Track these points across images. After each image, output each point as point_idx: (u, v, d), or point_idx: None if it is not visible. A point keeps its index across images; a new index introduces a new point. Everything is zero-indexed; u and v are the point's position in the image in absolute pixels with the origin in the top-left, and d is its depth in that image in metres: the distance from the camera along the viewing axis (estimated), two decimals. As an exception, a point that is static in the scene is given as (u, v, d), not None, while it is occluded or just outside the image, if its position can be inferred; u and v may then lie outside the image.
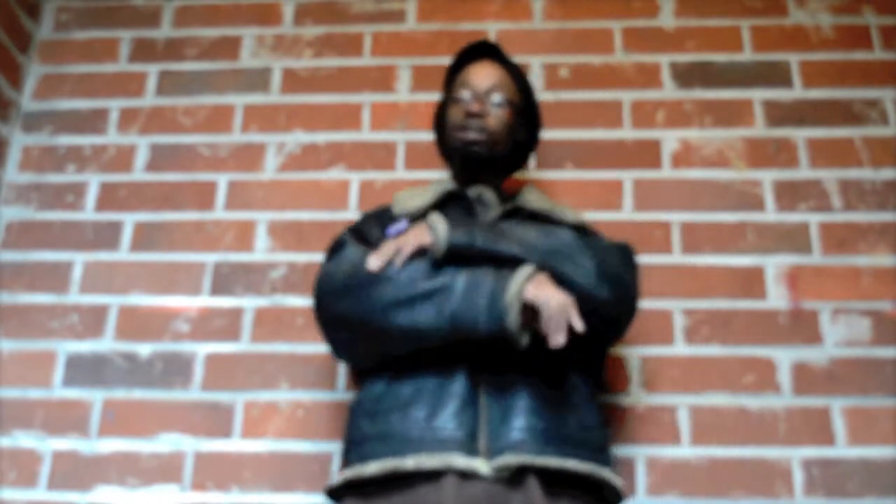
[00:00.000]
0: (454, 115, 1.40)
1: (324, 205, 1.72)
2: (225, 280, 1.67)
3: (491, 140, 1.37)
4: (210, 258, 1.69)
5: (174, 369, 1.60)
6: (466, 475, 1.10)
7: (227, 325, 1.63)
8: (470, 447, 1.12)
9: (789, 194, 1.68)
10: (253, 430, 1.55)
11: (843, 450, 1.48)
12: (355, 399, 1.27)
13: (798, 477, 1.46)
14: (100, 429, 1.56)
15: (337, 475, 1.20)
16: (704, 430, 1.50)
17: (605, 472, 1.16)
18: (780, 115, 1.75)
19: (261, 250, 1.69)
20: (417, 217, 1.36)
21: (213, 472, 1.52)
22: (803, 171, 1.69)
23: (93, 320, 1.65)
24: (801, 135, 1.73)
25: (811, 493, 1.45)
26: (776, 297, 1.59)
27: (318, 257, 1.67)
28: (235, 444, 1.54)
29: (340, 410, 1.55)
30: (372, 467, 1.14)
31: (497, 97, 1.39)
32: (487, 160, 1.38)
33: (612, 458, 1.20)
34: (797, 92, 1.76)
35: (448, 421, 1.13)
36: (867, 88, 1.75)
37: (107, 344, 1.63)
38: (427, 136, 1.76)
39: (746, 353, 1.55)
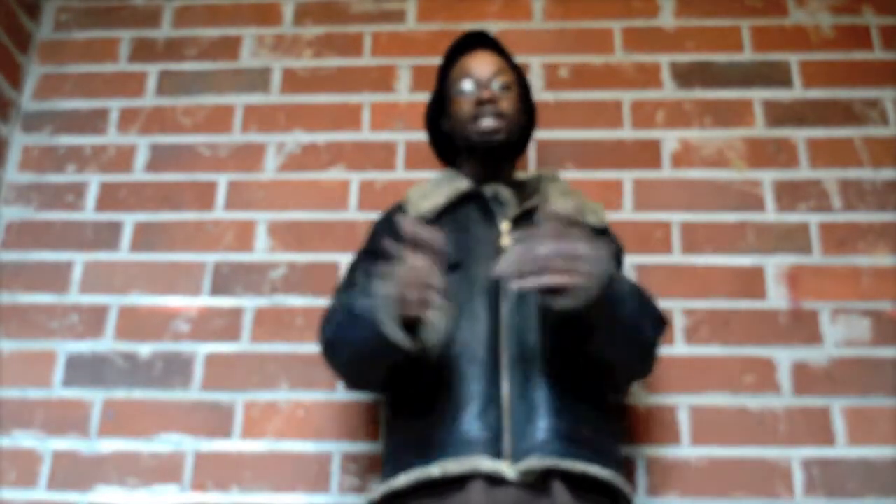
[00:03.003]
0: (463, 107, 1.37)
1: (324, 205, 1.72)
2: (225, 280, 1.67)
3: (507, 125, 1.36)
4: (210, 258, 1.69)
5: (174, 369, 1.60)
6: (493, 480, 1.08)
7: (227, 325, 1.63)
8: (495, 448, 1.10)
9: (789, 194, 1.68)
10: (253, 430, 1.55)
11: (843, 450, 1.48)
12: (389, 413, 1.26)
13: (798, 477, 1.46)
14: (100, 429, 1.56)
15: (375, 490, 1.19)
16: (704, 430, 1.50)
17: (619, 480, 1.15)
18: (780, 115, 1.75)
19: (261, 250, 1.69)
20: (431, 220, 1.32)
21: (213, 472, 1.52)
22: (803, 171, 1.70)
23: (93, 320, 1.65)
24: (801, 135, 1.73)
25: (811, 493, 1.45)
26: (776, 297, 1.59)
27: (318, 257, 1.67)
28: (235, 444, 1.54)
29: (340, 410, 1.55)
30: (401, 479, 1.13)
31: (501, 82, 1.38)
32: (507, 147, 1.37)
33: (622, 463, 1.20)
34: (797, 92, 1.76)
35: (472, 422, 1.12)
36: (867, 88, 1.75)
37: (107, 344, 1.63)
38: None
39: (746, 353, 1.55)
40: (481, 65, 1.39)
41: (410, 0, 1.91)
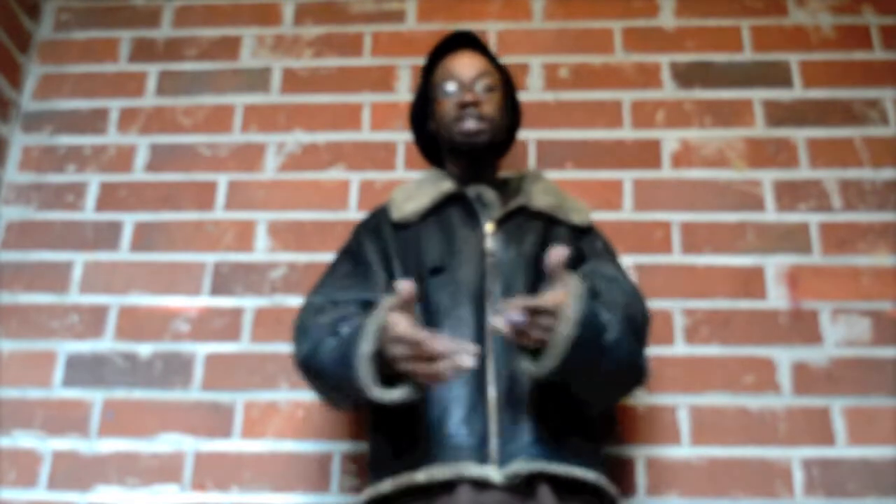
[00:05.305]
0: (446, 109, 1.38)
1: (324, 205, 1.72)
2: (225, 280, 1.67)
3: (490, 127, 1.36)
4: (210, 258, 1.69)
5: (174, 369, 1.60)
6: (480, 484, 1.08)
7: (227, 325, 1.63)
8: (481, 453, 1.10)
9: (789, 194, 1.68)
10: (253, 430, 1.55)
11: (843, 450, 1.48)
12: (372, 419, 1.25)
13: (798, 477, 1.46)
14: (100, 429, 1.56)
15: (362, 496, 1.19)
16: (704, 430, 1.50)
17: (604, 481, 1.15)
18: (780, 115, 1.75)
19: (261, 250, 1.69)
20: (415, 222, 1.33)
21: (213, 472, 1.52)
22: (803, 171, 1.70)
23: (93, 320, 1.65)
24: (801, 135, 1.73)
25: (811, 493, 1.45)
26: (776, 297, 1.59)
27: (318, 257, 1.67)
28: (235, 444, 1.54)
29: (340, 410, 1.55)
30: (388, 484, 1.13)
31: (484, 83, 1.38)
32: (490, 148, 1.38)
33: (605, 465, 1.20)
34: (797, 92, 1.76)
35: (458, 427, 1.12)
36: (867, 88, 1.75)
37: (107, 344, 1.63)
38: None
39: (746, 353, 1.55)
40: (465, 66, 1.39)
41: (410, 0, 1.91)
